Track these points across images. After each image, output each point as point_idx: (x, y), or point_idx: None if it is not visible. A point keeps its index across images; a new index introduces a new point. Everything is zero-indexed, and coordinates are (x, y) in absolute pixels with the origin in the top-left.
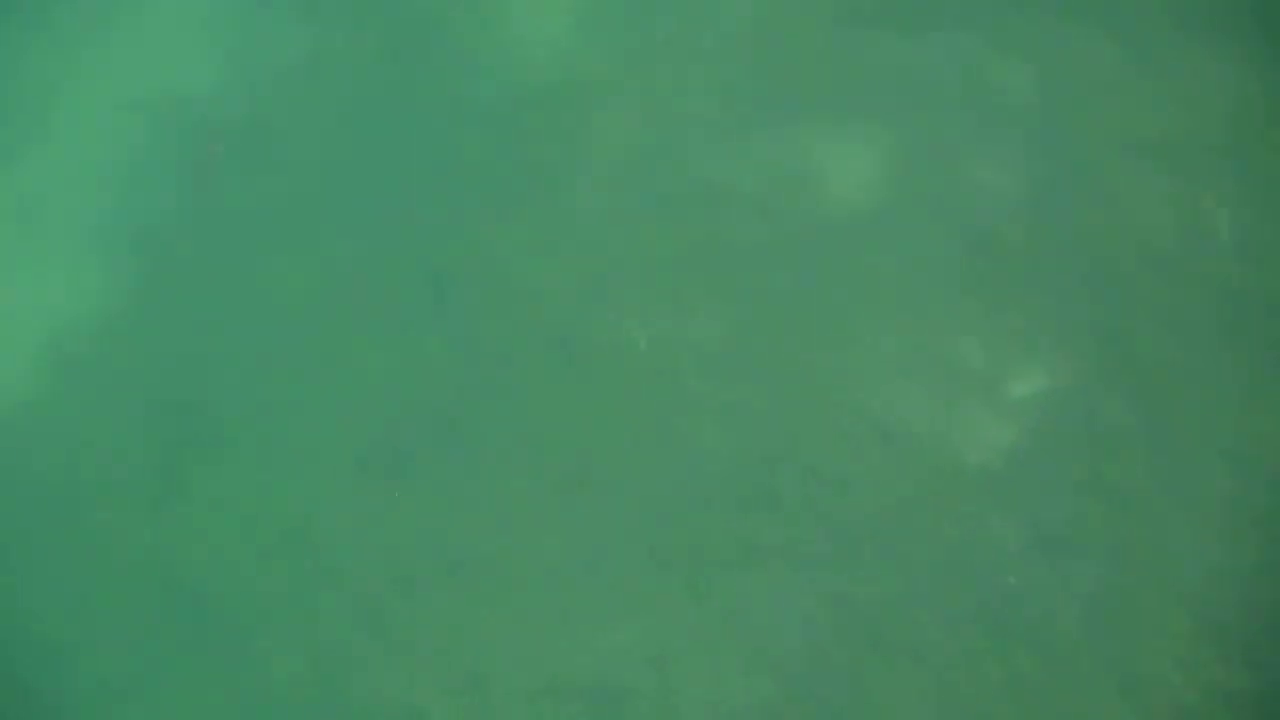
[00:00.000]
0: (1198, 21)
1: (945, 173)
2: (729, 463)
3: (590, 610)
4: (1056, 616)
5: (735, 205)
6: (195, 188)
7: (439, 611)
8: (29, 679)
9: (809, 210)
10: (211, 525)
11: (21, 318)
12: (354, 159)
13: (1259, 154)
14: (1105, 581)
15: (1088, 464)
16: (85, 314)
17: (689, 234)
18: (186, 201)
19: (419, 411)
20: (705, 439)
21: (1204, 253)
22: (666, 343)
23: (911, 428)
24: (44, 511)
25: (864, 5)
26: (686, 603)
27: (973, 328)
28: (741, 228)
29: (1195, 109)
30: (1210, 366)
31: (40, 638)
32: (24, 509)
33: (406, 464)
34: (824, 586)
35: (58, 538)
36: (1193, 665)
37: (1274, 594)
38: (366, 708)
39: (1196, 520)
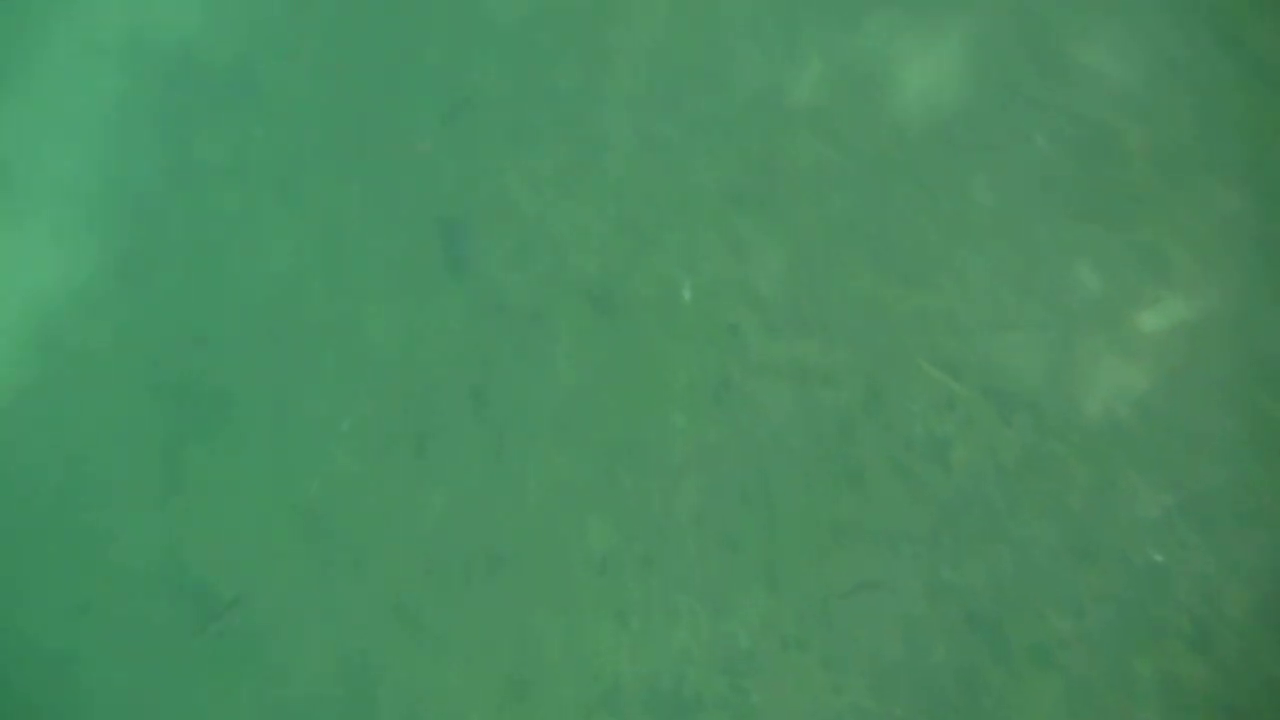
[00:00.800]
0: None
1: (1044, 62)
2: (801, 430)
3: (649, 607)
4: (1218, 600)
5: (790, 122)
6: (179, 143)
7: (476, 609)
8: (26, 693)
9: (879, 122)
10: (220, 519)
11: None
12: (349, 98)
13: None
14: None
15: (1246, 411)
16: (70, 288)
17: (736, 160)
18: (171, 158)
19: (439, 383)
20: (770, 402)
21: None
22: (719, 291)
23: (1016, 377)
24: (34, 511)
25: None
26: (761, 597)
27: (1087, 248)
28: (799, 148)
29: None
30: None
31: (37, 649)
32: (11, 509)
33: (429, 443)
34: (922, 575)
35: (51, 540)
36: None
37: None
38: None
39: None
